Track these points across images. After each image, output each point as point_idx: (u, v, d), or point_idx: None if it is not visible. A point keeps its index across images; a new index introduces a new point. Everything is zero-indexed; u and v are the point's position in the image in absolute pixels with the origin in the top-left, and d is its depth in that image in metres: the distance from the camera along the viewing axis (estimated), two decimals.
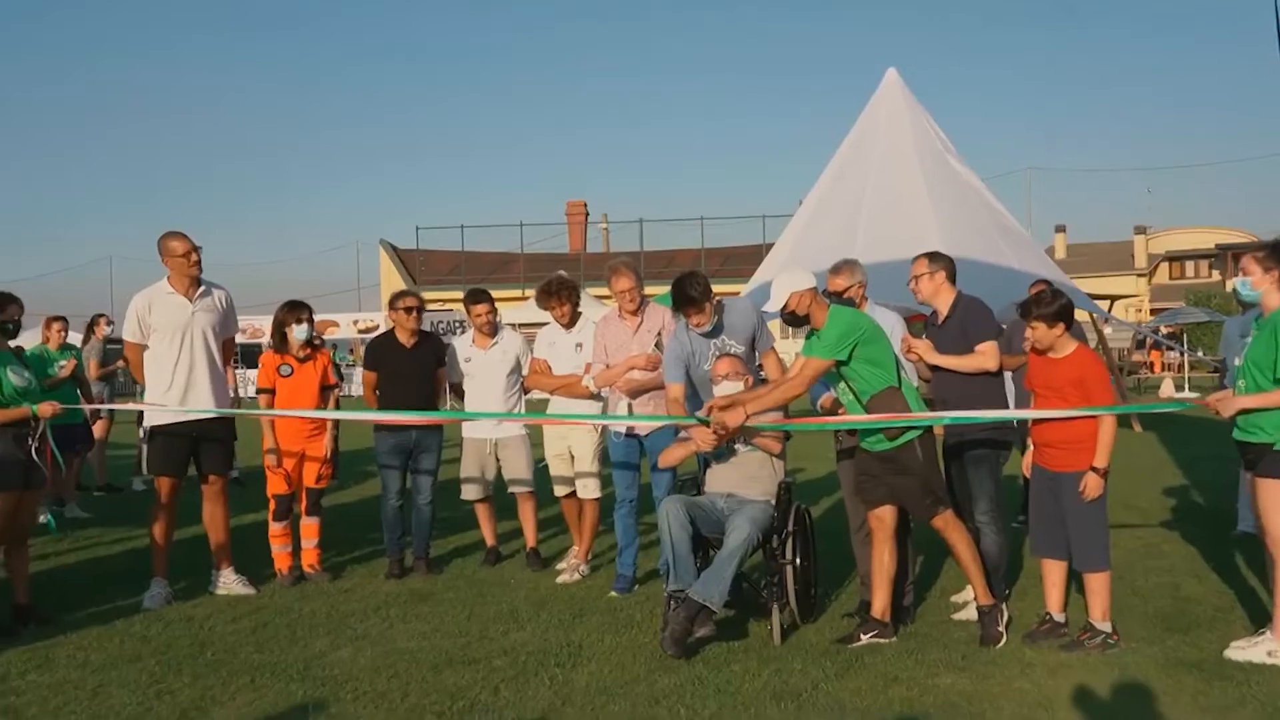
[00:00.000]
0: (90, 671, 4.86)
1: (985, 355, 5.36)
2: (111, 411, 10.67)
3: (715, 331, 5.78)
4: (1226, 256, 56.09)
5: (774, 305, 5.06)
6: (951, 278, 5.61)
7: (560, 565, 6.86)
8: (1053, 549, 5.05)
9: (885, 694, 4.36)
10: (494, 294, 7.66)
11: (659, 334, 6.28)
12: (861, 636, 5.04)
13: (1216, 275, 54.78)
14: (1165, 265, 56.39)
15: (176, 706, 4.38)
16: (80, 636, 5.41)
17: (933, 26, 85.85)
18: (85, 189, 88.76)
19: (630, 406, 6.29)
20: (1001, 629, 5.03)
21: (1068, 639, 4.92)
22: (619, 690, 4.45)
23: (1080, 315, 13.52)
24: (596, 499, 6.76)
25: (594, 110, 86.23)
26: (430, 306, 41.54)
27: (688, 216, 59.58)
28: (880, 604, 5.13)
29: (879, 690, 4.40)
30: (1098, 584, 4.91)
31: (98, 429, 10.57)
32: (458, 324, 34.42)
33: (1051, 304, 4.98)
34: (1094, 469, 4.78)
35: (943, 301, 5.58)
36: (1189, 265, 56.51)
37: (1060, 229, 57.00)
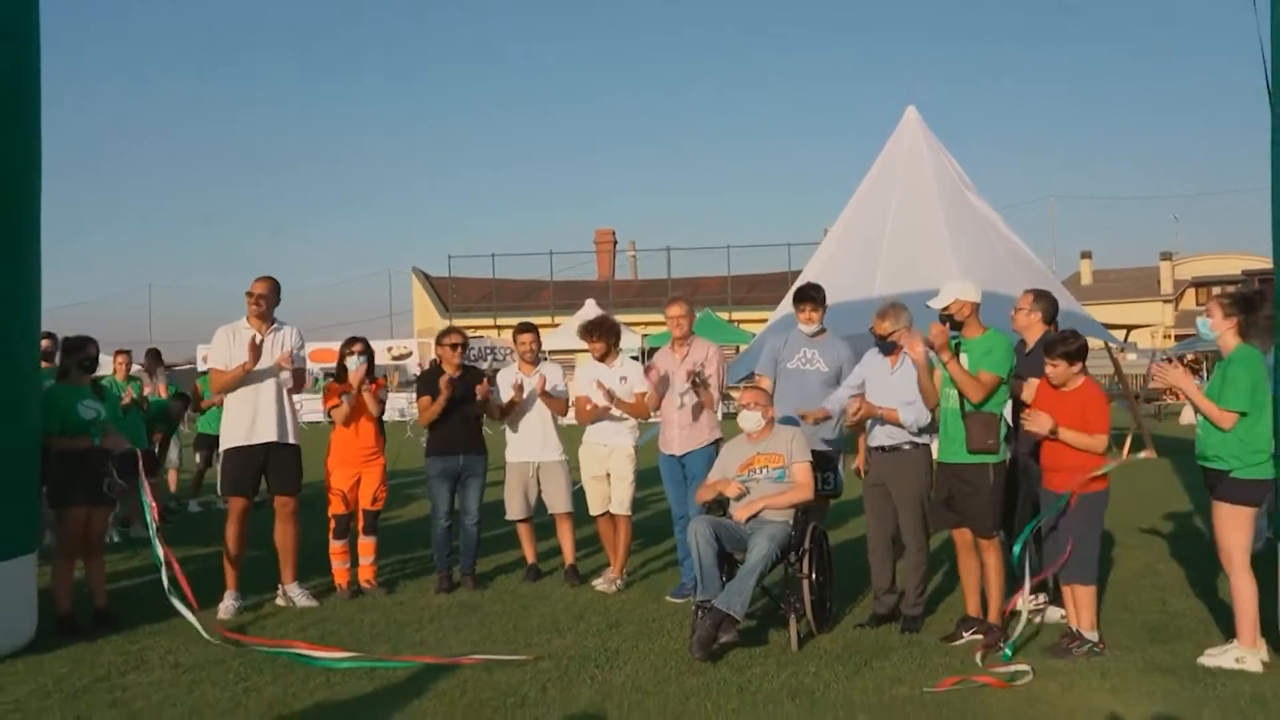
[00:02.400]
0: (182, 671, 5.47)
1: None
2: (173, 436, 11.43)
3: (814, 337, 6.67)
4: (1254, 282, 56.13)
5: (940, 303, 5.76)
6: (1048, 319, 6.17)
7: (596, 581, 7.43)
8: (1056, 564, 5.54)
9: (890, 693, 4.90)
10: (523, 320, 8.37)
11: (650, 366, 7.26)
12: (963, 634, 5.68)
13: None
14: (1192, 291, 56.42)
15: (263, 701, 4.98)
16: (168, 642, 6.01)
17: (958, 53, 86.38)
18: (120, 216, 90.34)
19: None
20: (1002, 644, 5.51)
21: (1075, 647, 5.38)
22: (653, 689, 5.01)
23: (1095, 343, 14.02)
24: (629, 515, 7.35)
25: (623, 140, 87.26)
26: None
27: (714, 245, 60.32)
28: (973, 607, 5.82)
29: (884, 690, 4.94)
30: (1085, 597, 5.43)
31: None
32: (487, 350, 35.17)
33: (1073, 344, 5.50)
34: (1057, 430, 5.30)
35: (1032, 335, 6.13)
36: (1216, 291, 56.47)
37: (1086, 255, 57.27)
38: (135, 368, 11.61)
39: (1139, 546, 8.47)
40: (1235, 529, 5.05)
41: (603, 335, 7.46)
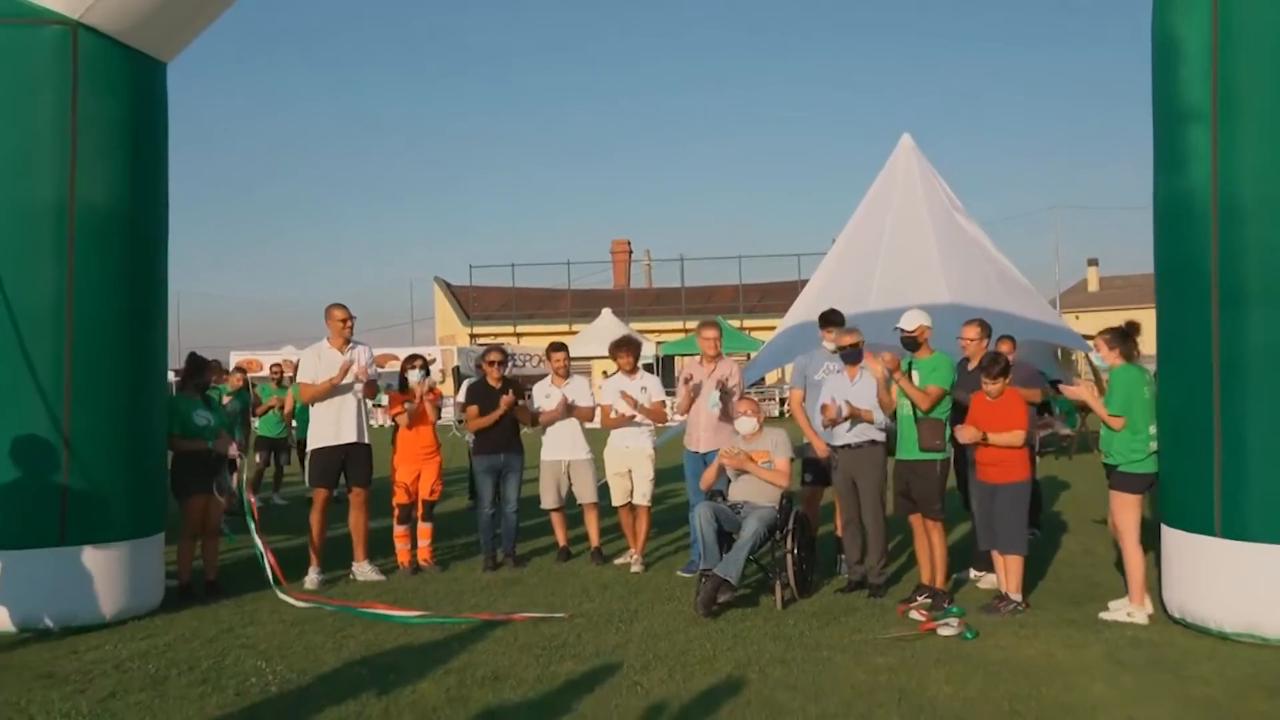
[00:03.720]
0: (289, 624, 6.85)
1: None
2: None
3: (835, 355, 7.89)
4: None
5: (910, 325, 7.11)
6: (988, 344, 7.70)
7: (619, 560, 8.79)
8: (994, 542, 6.88)
9: (851, 638, 6.25)
10: (542, 328, 9.82)
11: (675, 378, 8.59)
12: (917, 598, 6.93)
13: None
14: None
15: (360, 645, 6.35)
16: (270, 605, 7.40)
17: (962, 60, 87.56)
18: None
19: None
20: (946, 605, 6.84)
21: (1003, 606, 6.69)
22: (664, 636, 6.37)
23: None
24: (649, 506, 8.72)
25: (639, 153, 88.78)
26: (481, 340, 43.47)
27: (726, 254, 61.67)
28: (925, 576, 7.10)
29: (847, 636, 6.29)
30: (1013, 565, 6.75)
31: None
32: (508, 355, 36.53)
33: (998, 366, 6.85)
34: (987, 437, 6.62)
35: (976, 356, 7.54)
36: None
37: (1093, 262, 58.19)
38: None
39: (1087, 533, 9.77)
40: (1124, 511, 6.41)
41: (630, 352, 8.88)
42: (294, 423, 13.28)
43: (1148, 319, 6.68)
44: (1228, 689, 5.12)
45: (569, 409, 8.91)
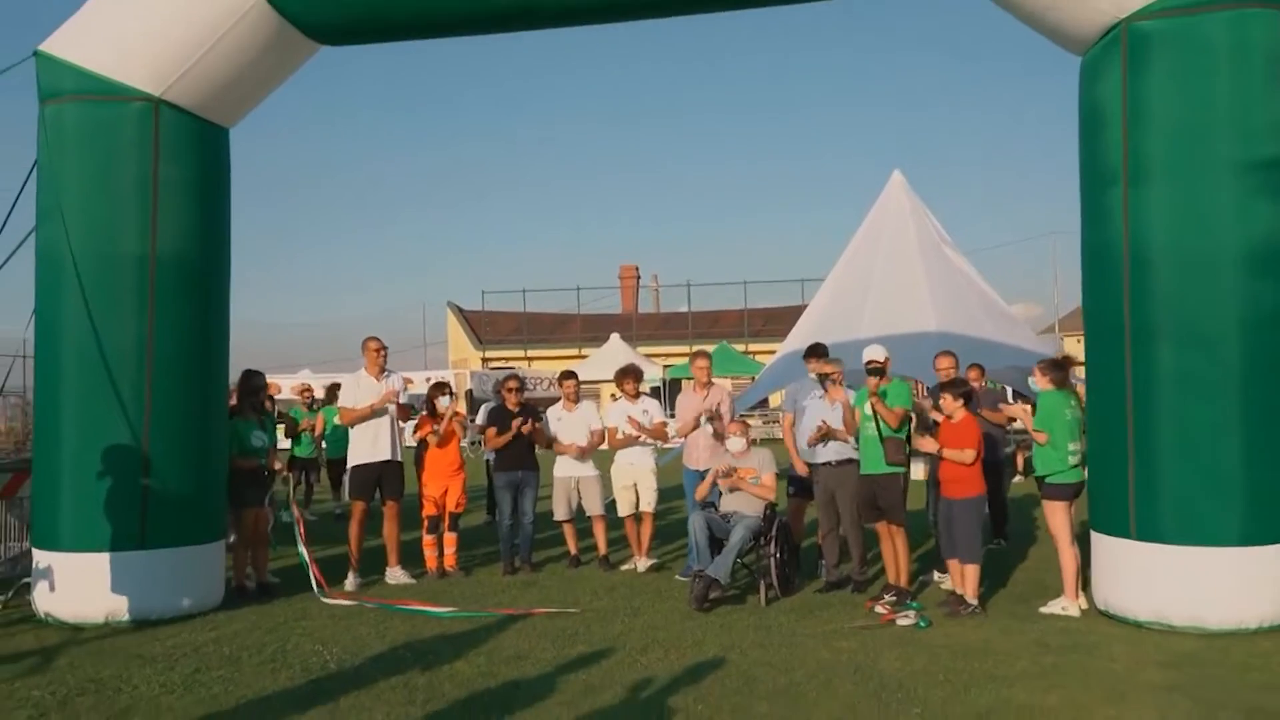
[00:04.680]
0: (337, 619, 7.89)
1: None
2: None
3: (821, 382, 8.84)
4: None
5: (879, 355, 8.05)
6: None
7: (624, 566, 9.83)
8: (953, 551, 7.89)
9: (822, 628, 7.26)
10: (552, 353, 10.96)
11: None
12: (885, 596, 7.85)
13: None
14: None
15: (401, 634, 7.38)
16: (317, 604, 8.43)
17: (962, 82, 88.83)
18: None
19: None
20: (907, 600, 7.84)
21: (962, 609, 7.68)
22: (662, 626, 7.39)
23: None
24: (652, 512, 9.82)
25: (648, 178, 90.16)
26: (494, 364, 44.68)
27: (732, 280, 62.90)
28: (892, 577, 8.03)
29: (820, 626, 7.31)
30: (971, 573, 7.74)
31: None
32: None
33: (958, 390, 7.88)
34: (952, 453, 7.62)
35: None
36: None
37: None
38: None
39: (1049, 543, 10.63)
40: (1054, 516, 7.45)
41: (633, 379, 9.95)
42: (323, 444, 14.35)
43: None
44: (1129, 664, 6.13)
45: (588, 439, 10.04)
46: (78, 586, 7.66)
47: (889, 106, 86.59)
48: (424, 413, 9.96)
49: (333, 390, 13.84)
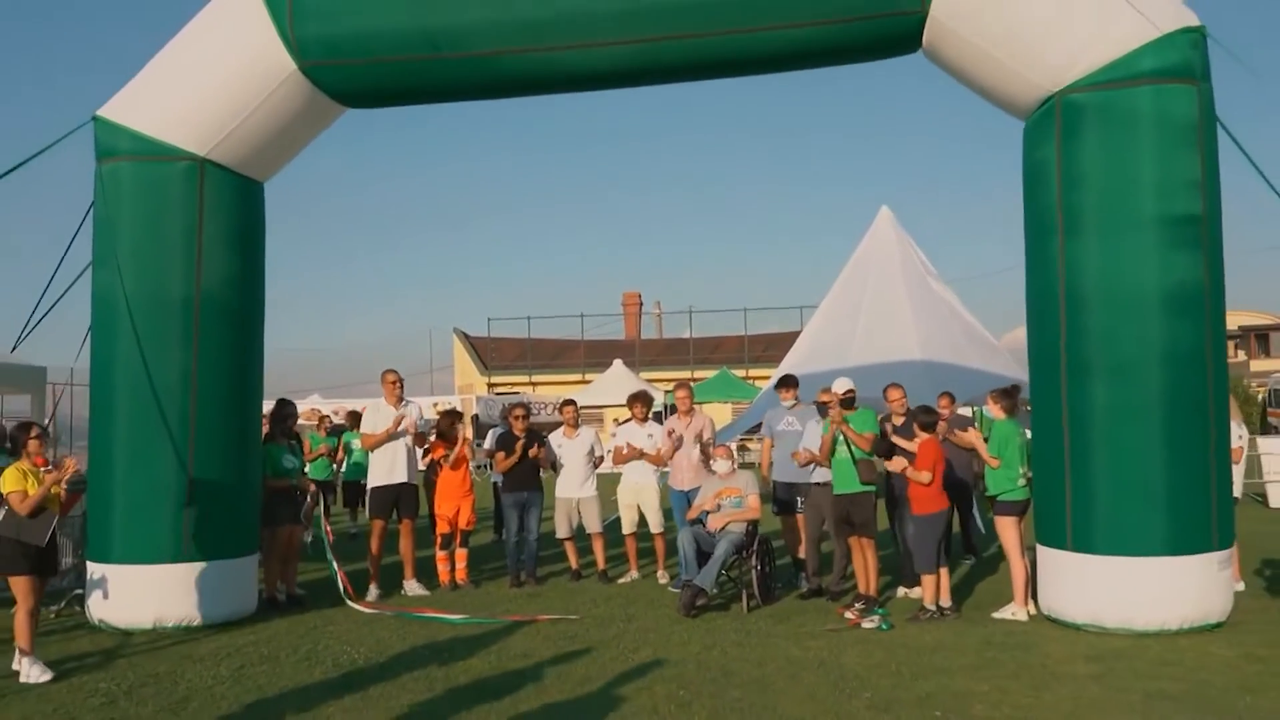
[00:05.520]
0: (361, 624, 8.76)
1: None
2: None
3: (791, 408, 9.80)
4: (1250, 337, 58.96)
5: (840, 389, 8.99)
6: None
7: (622, 580, 10.69)
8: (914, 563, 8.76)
9: (798, 631, 8.11)
10: (556, 378, 11.92)
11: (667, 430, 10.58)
12: (856, 604, 8.67)
13: (1242, 355, 57.55)
14: None
15: (419, 637, 8.24)
16: (343, 612, 9.31)
17: (954, 116, 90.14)
18: None
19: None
20: (874, 607, 8.69)
21: (921, 615, 8.52)
22: (653, 629, 8.26)
23: None
24: (661, 533, 10.73)
25: (650, 207, 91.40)
26: (499, 389, 45.35)
27: (733, 307, 63.87)
28: (863, 587, 8.86)
29: (793, 629, 8.17)
30: (928, 581, 8.60)
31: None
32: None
33: (925, 418, 8.77)
34: (912, 473, 8.49)
35: (900, 412, 9.48)
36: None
37: None
38: None
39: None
40: (1005, 530, 8.33)
41: (644, 404, 10.89)
42: (340, 467, 15.24)
43: None
44: (1059, 659, 6.99)
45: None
46: (128, 595, 8.52)
47: (889, 135, 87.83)
48: (435, 438, 10.86)
49: (353, 416, 14.78)
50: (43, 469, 7.38)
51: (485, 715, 6.04)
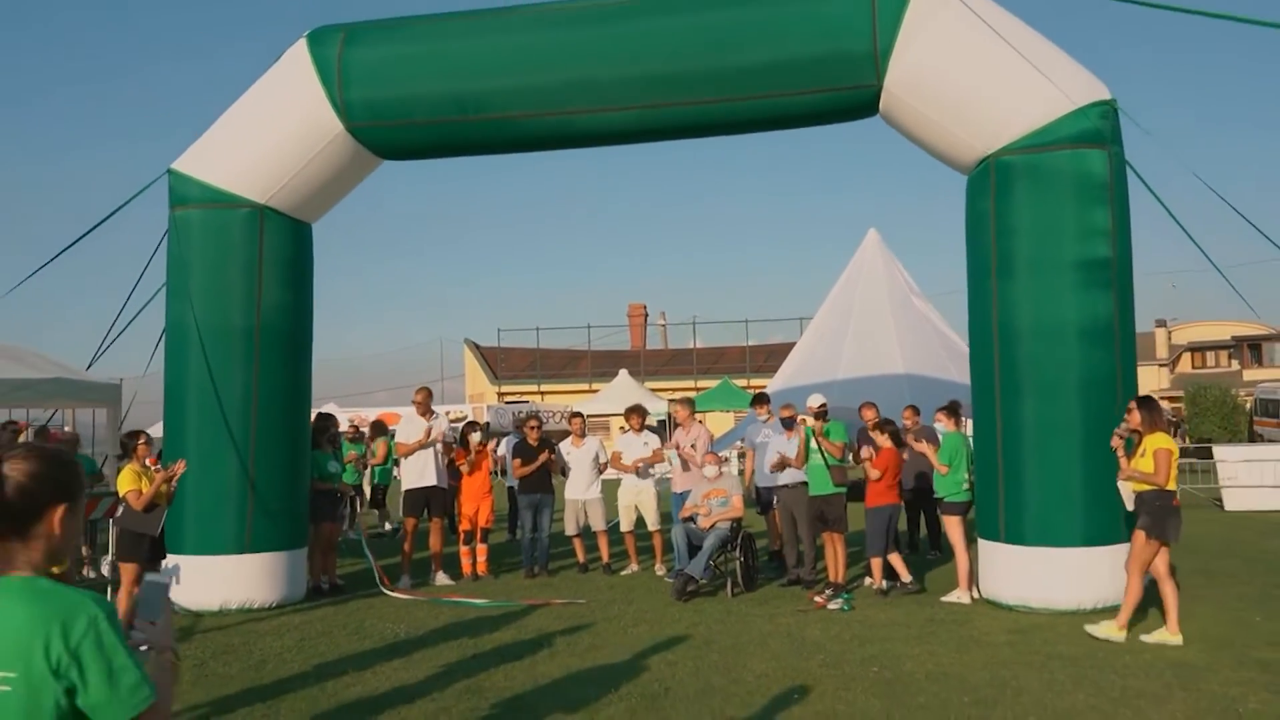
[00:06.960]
0: (398, 608, 10.16)
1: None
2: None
3: (765, 422, 11.22)
4: (1243, 347, 60.11)
5: (814, 403, 10.38)
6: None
7: (624, 572, 12.09)
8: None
9: (773, 612, 9.49)
10: (564, 387, 13.45)
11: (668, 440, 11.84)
12: (827, 591, 10.05)
13: (1235, 364, 58.71)
14: (1188, 355, 60.36)
15: (449, 618, 9.63)
16: (381, 599, 10.71)
17: None
18: None
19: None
20: (843, 592, 10.06)
21: (876, 587, 9.91)
22: (650, 611, 9.64)
23: None
24: (659, 529, 12.09)
25: (655, 219, 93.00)
26: (509, 399, 46.65)
27: (735, 318, 65.22)
28: (832, 574, 10.25)
29: (769, 611, 9.55)
30: (876, 564, 10.00)
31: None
32: (532, 413, 39.88)
33: (888, 428, 10.16)
34: (868, 468, 9.89)
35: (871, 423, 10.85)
36: (1209, 355, 60.44)
37: None
38: None
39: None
40: (951, 528, 9.74)
41: (639, 416, 12.34)
42: (375, 471, 16.65)
43: (1139, 376, 9.69)
44: (985, 631, 8.37)
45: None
46: (198, 581, 9.93)
47: (888, 140, 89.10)
48: (457, 446, 12.28)
49: (376, 425, 16.27)
50: (154, 467, 8.81)
51: (510, 673, 7.43)
